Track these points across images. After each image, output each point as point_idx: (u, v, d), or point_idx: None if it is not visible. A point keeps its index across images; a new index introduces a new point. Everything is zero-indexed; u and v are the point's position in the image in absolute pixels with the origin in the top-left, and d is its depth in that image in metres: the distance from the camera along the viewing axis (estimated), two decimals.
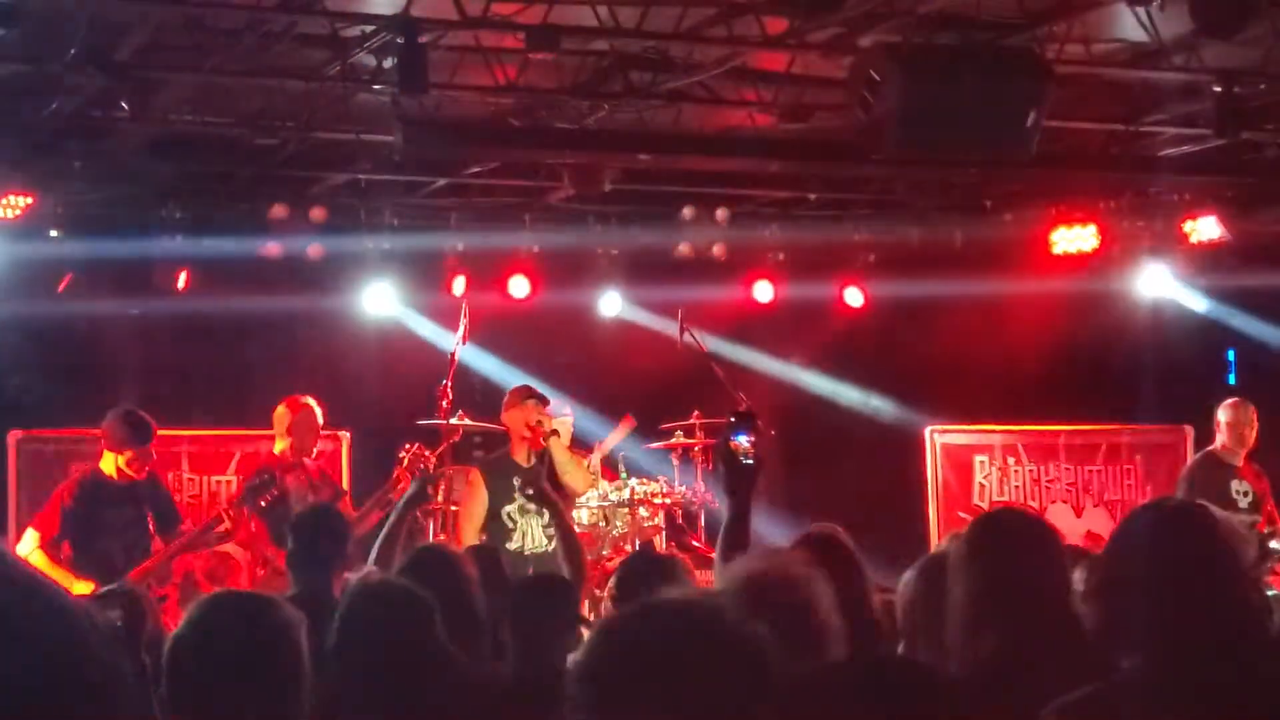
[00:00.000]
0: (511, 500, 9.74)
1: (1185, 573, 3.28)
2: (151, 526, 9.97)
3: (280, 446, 10.56)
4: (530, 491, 9.23)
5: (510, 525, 9.70)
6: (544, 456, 9.75)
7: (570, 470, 9.86)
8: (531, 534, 9.67)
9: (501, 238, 13.82)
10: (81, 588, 9.51)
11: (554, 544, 9.31)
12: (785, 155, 12.76)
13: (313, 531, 6.75)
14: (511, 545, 9.58)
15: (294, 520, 7.00)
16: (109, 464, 10.02)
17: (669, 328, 12.65)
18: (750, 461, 4.66)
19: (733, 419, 4.71)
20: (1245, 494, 10.72)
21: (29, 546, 9.89)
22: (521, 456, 9.84)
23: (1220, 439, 10.99)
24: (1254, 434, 10.93)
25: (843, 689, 2.74)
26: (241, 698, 3.56)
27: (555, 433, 9.89)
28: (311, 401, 10.61)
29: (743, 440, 4.63)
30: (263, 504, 9.91)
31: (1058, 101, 10.21)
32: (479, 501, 9.84)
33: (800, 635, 3.55)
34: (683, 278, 13.77)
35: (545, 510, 9.29)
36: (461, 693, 4.51)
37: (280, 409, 10.60)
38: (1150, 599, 3.25)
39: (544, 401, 9.97)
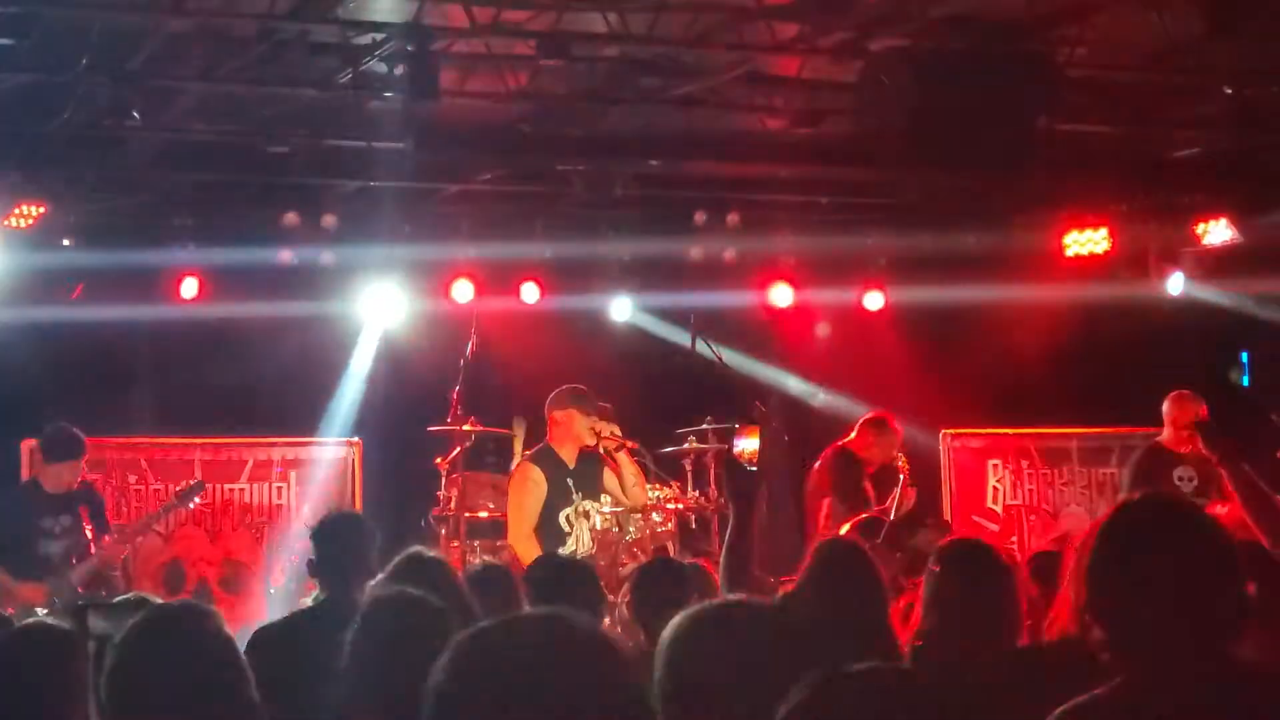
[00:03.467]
0: (569, 503, 9.63)
1: (1193, 575, 3.23)
2: (90, 532, 10.16)
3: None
4: (583, 491, 9.44)
5: (566, 529, 9.59)
6: (593, 458, 9.68)
7: (636, 485, 9.82)
8: (582, 540, 9.57)
9: (512, 244, 13.81)
10: (28, 591, 9.76)
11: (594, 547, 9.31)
12: (796, 160, 12.77)
13: (335, 538, 6.71)
14: (563, 551, 9.47)
15: (317, 527, 6.98)
16: (43, 474, 10.38)
17: (682, 333, 12.65)
18: (753, 468, 4.66)
19: (736, 426, 4.74)
20: (1190, 479, 10.73)
21: None
22: (568, 455, 9.72)
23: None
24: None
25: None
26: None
27: (624, 445, 9.84)
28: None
29: (746, 447, 4.64)
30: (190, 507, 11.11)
31: (1069, 104, 10.20)
32: (538, 498, 9.64)
33: None
34: (695, 283, 13.75)
35: (595, 510, 9.46)
36: None
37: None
38: (1154, 601, 3.20)
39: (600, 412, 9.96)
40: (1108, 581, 3.26)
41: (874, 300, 14.58)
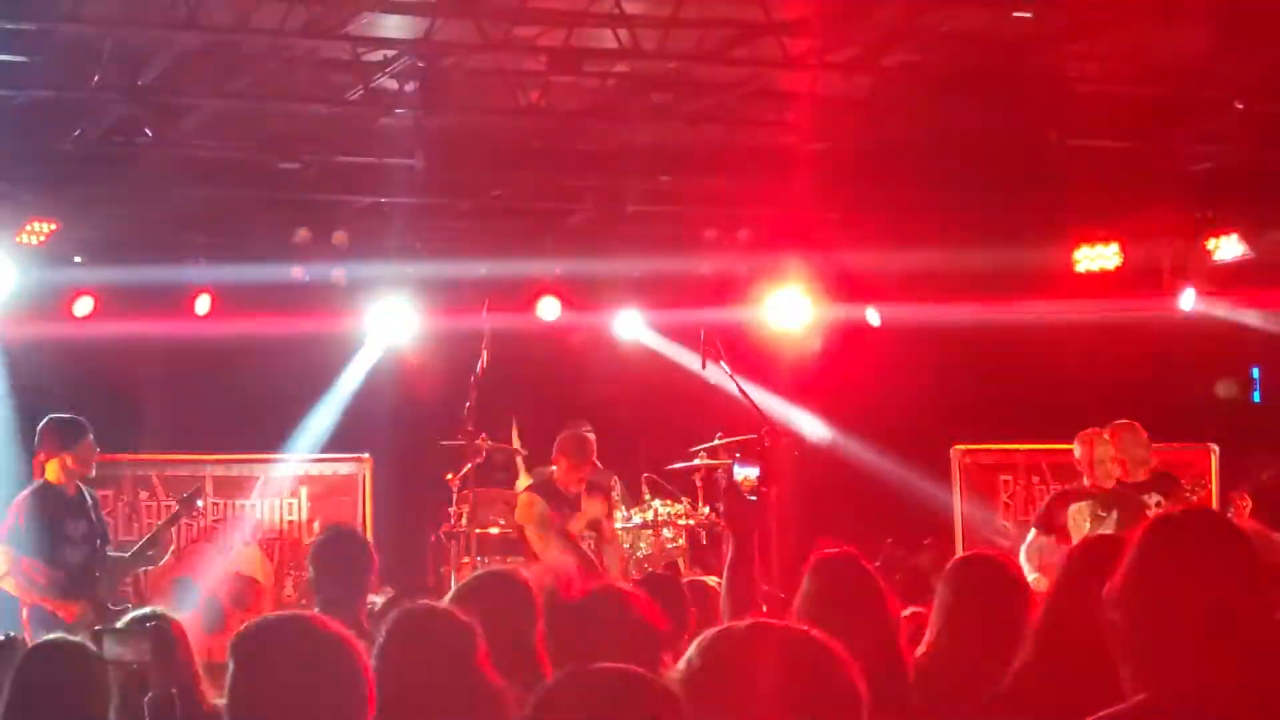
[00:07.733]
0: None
1: (1223, 593, 3.20)
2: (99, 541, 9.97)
3: None
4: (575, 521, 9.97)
5: None
6: (595, 494, 10.04)
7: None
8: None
9: (524, 260, 13.82)
10: (65, 609, 9.52)
11: None
12: (806, 175, 12.77)
13: (333, 557, 6.74)
14: None
15: (315, 546, 7.04)
16: (54, 472, 9.85)
17: (692, 349, 12.63)
18: (753, 497, 4.62)
19: (737, 453, 4.71)
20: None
21: (3, 567, 9.63)
22: (568, 488, 10.04)
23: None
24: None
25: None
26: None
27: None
28: None
29: (747, 475, 4.61)
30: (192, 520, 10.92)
31: (1079, 120, 10.20)
32: (545, 520, 10.14)
33: None
34: (705, 298, 13.74)
35: (590, 537, 9.98)
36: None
37: None
38: (1184, 619, 3.18)
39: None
40: (1138, 597, 3.22)
41: (885, 315, 14.57)
